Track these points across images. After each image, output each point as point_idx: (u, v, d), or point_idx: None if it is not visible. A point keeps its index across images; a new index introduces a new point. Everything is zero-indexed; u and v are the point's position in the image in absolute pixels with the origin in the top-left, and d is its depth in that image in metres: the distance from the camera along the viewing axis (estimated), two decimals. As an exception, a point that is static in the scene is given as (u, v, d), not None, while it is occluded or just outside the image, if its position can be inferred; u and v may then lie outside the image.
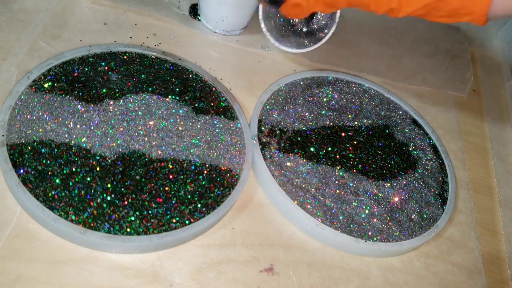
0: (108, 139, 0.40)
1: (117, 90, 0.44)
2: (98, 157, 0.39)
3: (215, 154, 0.43)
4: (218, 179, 0.42)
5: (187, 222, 0.38)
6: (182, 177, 0.40)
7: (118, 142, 0.40)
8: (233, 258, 0.39)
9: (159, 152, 0.41)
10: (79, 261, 0.36)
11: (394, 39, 0.65)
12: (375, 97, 0.55)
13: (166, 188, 0.39)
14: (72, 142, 0.39)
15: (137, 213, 0.37)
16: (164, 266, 0.37)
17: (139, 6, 0.55)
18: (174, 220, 0.38)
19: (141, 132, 0.42)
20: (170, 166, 0.41)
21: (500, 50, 0.71)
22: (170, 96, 0.45)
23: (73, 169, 0.38)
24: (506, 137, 0.59)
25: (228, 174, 0.42)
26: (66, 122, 0.40)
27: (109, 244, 0.36)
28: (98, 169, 0.38)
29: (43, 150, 0.38)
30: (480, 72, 0.67)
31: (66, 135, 0.39)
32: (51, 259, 0.35)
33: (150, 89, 0.45)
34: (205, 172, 0.41)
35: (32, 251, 0.35)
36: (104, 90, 0.44)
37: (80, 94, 0.43)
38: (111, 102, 0.43)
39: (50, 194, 0.36)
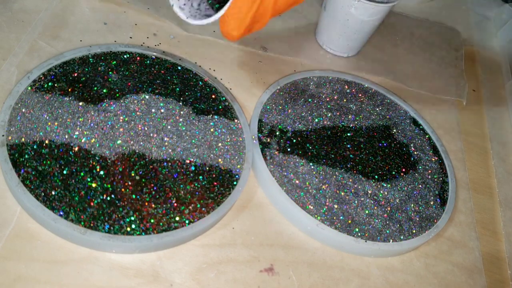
0: (108, 139, 0.40)
1: (117, 90, 0.44)
2: (98, 157, 0.39)
3: (215, 154, 0.43)
4: (218, 179, 0.42)
5: (187, 222, 0.38)
6: (182, 177, 0.40)
7: (118, 142, 0.40)
8: (233, 258, 0.39)
9: (159, 152, 0.41)
10: (79, 261, 0.36)
11: (392, 44, 0.65)
12: (375, 97, 0.55)
13: (166, 188, 0.39)
14: (72, 142, 0.39)
15: (137, 213, 0.37)
16: (164, 266, 0.37)
17: (138, 3, 0.55)
18: (174, 220, 0.38)
19: (141, 132, 0.42)
20: (170, 166, 0.41)
21: (500, 50, 0.71)
22: (170, 96, 0.45)
23: (73, 169, 0.38)
24: (506, 137, 0.59)
25: (228, 174, 0.42)
26: (66, 122, 0.40)
27: (109, 244, 0.36)
28: (98, 169, 0.38)
29: (43, 150, 0.38)
30: (480, 72, 0.67)
31: (66, 135, 0.39)
32: (51, 259, 0.35)
33: (150, 89, 0.45)
34: (205, 172, 0.41)
35: (32, 251, 0.35)
36: (104, 90, 0.44)
37: (80, 94, 0.43)
38: (111, 102, 0.43)
39: (50, 194, 0.36)
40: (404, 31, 0.67)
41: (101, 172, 0.38)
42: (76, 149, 0.39)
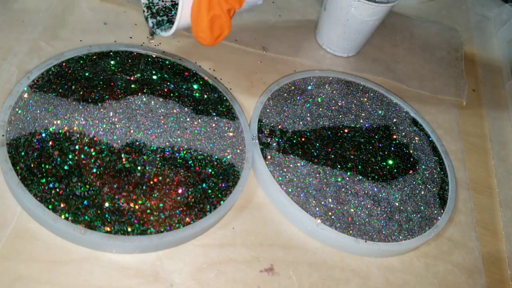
0: (108, 139, 0.40)
1: (117, 90, 0.44)
2: (98, 156, 0.39)
3: (215, 154, 0.43)
4: (218, 179, 0.42)
5: (187, 221, 0.38)
6: (181, 177, 0.40)
7: (119, 142, 0.40)
8: (233, 258, 0.39)
9: (159, 152, 0.41)
10: (79, 261, 0.36)
11: (392, 44, 0.65)
12: (375, 97, 0.55)
13: (166, 188, 0.39)
14: (72, 141, 0.39)
15: (138, 213, 0.37)
16: (164, 266, 0.37)
17: (138, 3, 0.54)
18: (174, 220, 0.38)
19: (141, 133, 0.42)
20: (170, 167, 0.41)
21: (500, 50, 0.71)
22: (170, 97, 0.45)
23: (74, 169, 0.38)
24: (506, 137, 0.59)
25: (228, 174, 0.42)
26: (66, 122, 0.40)
27: (109, 244, 0.36)
28: (98, 168, 0.38)
29: (43, 150, 0.38)
30: (480, 72, 0.67)
31: (66, 135, 0.39)
32: (51, 259, 0.35)
33: (150, 89, 0.45)
34: (205, 172, 0.41)
35: (32, 251, 0.35)
36: (104, 90, 0.44)
37: (80, 94, 0.43)
38: (111, 103, 0.43)
39: (50, 194, 0.36)
40: (404, 31, 0.67)
41: (102, 171, 0.38)
42: (76, 148, 0.39)
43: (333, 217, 0.42)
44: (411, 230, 0.44)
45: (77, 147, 0.39)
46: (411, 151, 0.50)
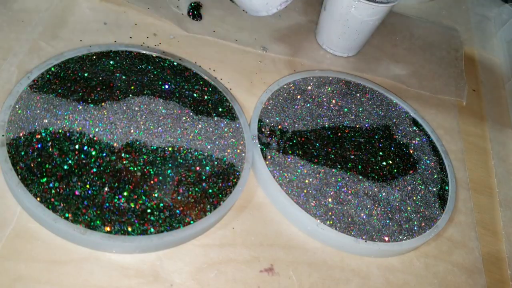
0: (108, 139, 0.40)
1: (117, 90, 0.44)
2: (98, 157, 0.39)
3: (215, 154, 0.43)
4: (218, 179, 0.42)
5: (187, 221, 0.38)
6: (182, 177, 0.40)
7: (119, 142, 0.40)
8: (233, 258, 0.39)
9: (159, 152, 0.41)
10: (79, 261, 0.36)
11: (392, 44, 0.65)
12: (375, 97, 0.55)
13: (166, 188, 0.39)
14: (73, 141, 0.39)
15: (137, 213, 0.37)
16: (164, 266, 0.37)
17: (138, 3, 0.55)
18: (174, 220, 0.38)
19: (141, 133, 0.42)
20: (170, 166, 0.41)
21: (500, 50, 0.71)
22: (170, 97, 0.45)
23: (74, 169, 0.38)
24: (506, 137, 0.59)
25: (228, 174, 0.42)
26: (66, 122, 0.40)
27: (109, 244, 0.36)
28: (98, 168, 0.38)
29: (43, 150, 0.38)
30: (480, 72, 0.67)
31: (66, 135, 0.39)
32: (51, 259, 0.35)
33: (149, 89, 0.45)
34: (205, 172, 0.41)
35: (32, 251, 0.35)
36: (104, 90, 0.44)
37: (80, 94, 0.43)
38: (111, 103, 0.43)
39: (50, 194, 0.36)
40: (404, 31, 0.67)
41: (102, 171, 0.38)
42: (76, 148, 0.39)
43: (333, 217, 0.42)
44: (411, 230, 0.44)
45: (77, 146, 0.39)
46: (411, 151, 0.50)
